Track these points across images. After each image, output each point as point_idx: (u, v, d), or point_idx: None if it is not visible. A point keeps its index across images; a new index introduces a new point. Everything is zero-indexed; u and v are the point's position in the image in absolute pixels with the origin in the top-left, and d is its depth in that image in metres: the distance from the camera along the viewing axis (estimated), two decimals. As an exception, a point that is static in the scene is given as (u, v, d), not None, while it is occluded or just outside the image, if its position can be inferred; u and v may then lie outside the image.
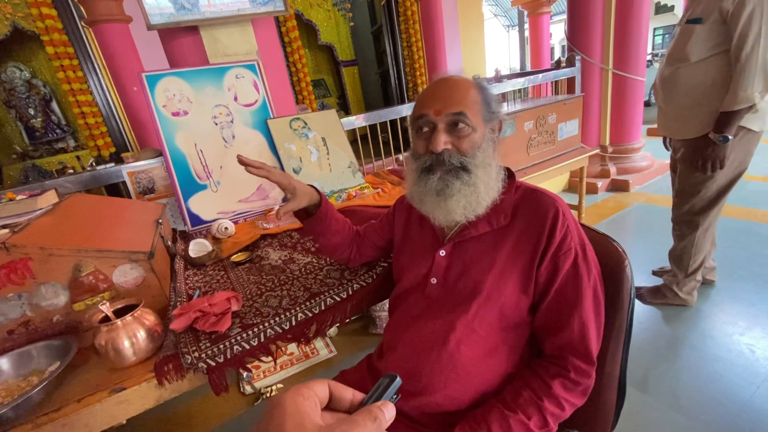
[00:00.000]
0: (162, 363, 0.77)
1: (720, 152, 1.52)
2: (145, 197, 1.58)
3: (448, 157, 0.72)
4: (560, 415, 0.68)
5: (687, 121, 1.61)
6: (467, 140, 0.72)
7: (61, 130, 4.47)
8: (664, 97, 1.68)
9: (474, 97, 0.72)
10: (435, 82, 0.75)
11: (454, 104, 0.71)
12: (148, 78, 1.47)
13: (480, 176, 0.72)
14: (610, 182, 3.52)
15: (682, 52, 1.54)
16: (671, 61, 1.62)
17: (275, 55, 1.94)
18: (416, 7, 4.21)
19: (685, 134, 1.64)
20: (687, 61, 1.54)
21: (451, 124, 0.71)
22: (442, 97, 0.72)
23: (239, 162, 0.81)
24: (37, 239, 0.83)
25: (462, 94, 0.72)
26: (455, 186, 0.71)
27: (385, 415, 0.30)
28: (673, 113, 1.66)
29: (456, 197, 0.72)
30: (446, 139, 0.71)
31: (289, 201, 0.84)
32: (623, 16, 3.17)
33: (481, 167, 0.72)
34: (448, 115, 0.71)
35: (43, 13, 2.77)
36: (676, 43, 1.59)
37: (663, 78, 1.67)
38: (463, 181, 0.71)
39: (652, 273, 2.14)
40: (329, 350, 1.94)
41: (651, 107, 7.36)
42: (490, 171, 0.74)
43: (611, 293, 0.74)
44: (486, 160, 0.73)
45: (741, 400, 1.37)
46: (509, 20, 17.82)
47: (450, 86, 0.73)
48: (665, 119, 1.73)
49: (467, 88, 0.73)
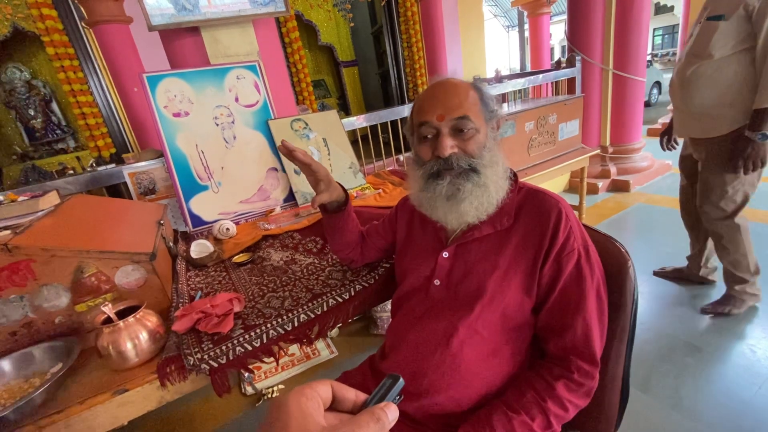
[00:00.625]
0: (164, 364, 0.77)
1: (761, 150, 1.47)
2: (146, 198, 1.58)
3: (456, 160, 0.72)
4: (564, 417, 0.68)
5: (711, 119, 1.57)
6: (473, 141, 0.72)
7: (61, 131, 4.47)
8: (683, 96, 1.63)
9: (473, 99, 0.73)
10: (432, 87, 0.75)
11: (456, 108, 0.71)
12: (149, 79, 1.47)
13: (489, 176, 0.72)
14: (611, 182, 3.52)
15: (704, 49, 1.50)
16: (691, 58, 1.57)
17: (276, 56, 1.94)
18: (416, 8, 4.22)
19: (709, 133, 1.59)
20: (710, 58, 1.50)
21: (455, 128, 0.71)
22: (443, 102, 0.72)
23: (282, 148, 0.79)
24: (39, 240, 0.83)
25: (462, 96, 0.72)
26: (467, 188, 0.71)
27: (388, 416, 0.30)
28: (695, 112, 1.61)
29: (468, 199, 0.72)
30: (452, 143, 0.71)
31: (323, 192, 0.86)
32: (623, 16, 3.17)
33: (489, 166, 0.73)
34: (452, 119, 0.71)
35: (43, 13, 2.77)
36: (697, 40, 1.55)
37: (682, 76, 1.61)
38: (473, 182, 0.72)
39: (653, 273, 2.14)
40: (330, 351, 1.94)
41: (651, 107, 7.37)
42: (498, 169, 0.74)
43: (614, 294, 0.74)
44: (493, 159, 0.74)
45: (742, 401, 1.37)
46: (509, 21, 17.84)
47: (449, 90, 0.73)
48: (684, 119, 1.68)
49: (466, 90, 0.73)
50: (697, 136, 1.66)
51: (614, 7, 3.18)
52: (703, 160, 1.68)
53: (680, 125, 1.72)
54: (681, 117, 1.70)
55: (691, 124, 1.66)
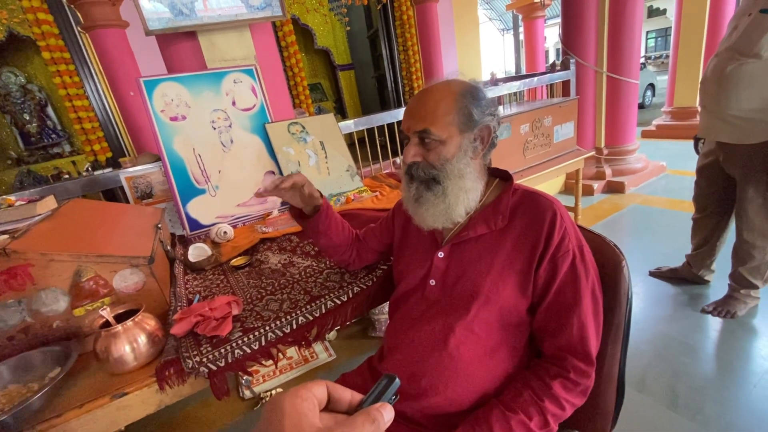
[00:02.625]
0: (163, 368, 0.77)
1: None
2: (143, 202, 1.57)
3: (416, 169, 0.76)
4: (561, 416, 0.69)
5: (750, 124, 1.44)
6: (434, 153, 0.74)
7: (56, 135, 4.46)
8: (718, 96, 1.49)
9: (445, 109, 0.72)
10: (414, 96, 0.79)
11: (420, 121, 0.74)
12: (146, 83, 1.48)
13: (450, 187, 0.75)
14: (606, 184, 3.55)
15: (752, 46, 1.36)
16: (733, 54, 1.42)
17: (273, 60, 1.95)
18: (412, 12, 4.25)
19: (745, 139, 1.47)
20: (756, 57, 1.36)
21: (421, 138, 0.75)
22: (412, 113, 0.76)
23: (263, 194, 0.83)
24: (37, 245, 0.83)
25: (430, 108, 0.73)
26: (426, 196, 0.77)
27: (384, 416, 0.30)
28: (731, 114, 1.47)
29: (425, 206, 0.77)
30: (416, 152, 0.75)
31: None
32: (616, 19, 3.21)
33: (451, 178, 0.74)
34: (415, 131, 0.75)
35: (39, 18, 2.77)
36: (744, 35, 1.38)
37: (720, 74, 1.46)
38: (433, 192, 0.76)
39: (648, 274, 2.16)
40: (328, 354, 1.94)
41: (645, 109, 7.44)
42: (463, 182, 0.75)
43: (609, 294, 0.75)
44: (459, 171, 0.74)
45: (738, 398, 1.38)
46: (504, 24, 17.98)
47: (423, 100, 0.75)
48: (714, 121, 1.54)
49: (438, 101, 0.73)
50: (730, 141, 1.53)
51: (607, 10, 3.22)
52: (740, 171, 1.56)
53: (709, 127, 1.59)
54: (710, 118, 1.57)
55: (722, 128, 1.53)
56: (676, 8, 4.58)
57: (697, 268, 1.98)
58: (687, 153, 3.92)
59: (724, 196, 1.76)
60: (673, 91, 4.82)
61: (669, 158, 3.91)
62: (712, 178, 1.76)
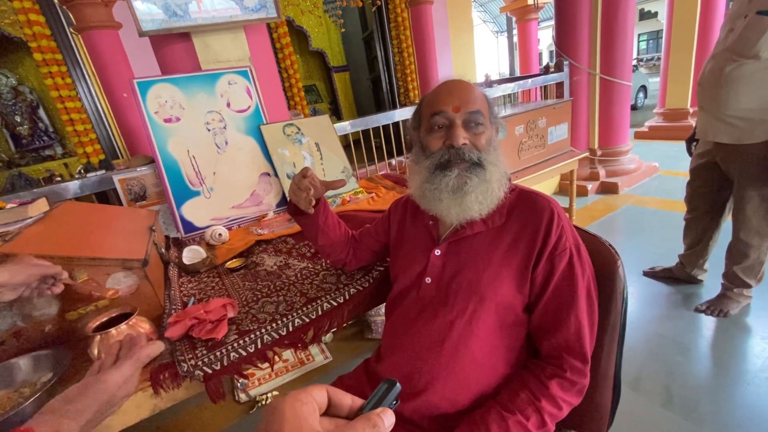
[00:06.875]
0: (158, 371, 0.76)
1: None
2: (137, 204, 1.56)
3: (468, 150, 0.73)
4: (558, 415, 0.69)
5: (749, 124, 1.45)
6: (483, 137, 0.75)
7: (48, 138, 4.41)
8: (716, 96, 1.50)
9: (482, 98, 0.77)
10: (448, 81, 0.78)
11: (471, 102, 0.74)
12: (139, 84, 1.47)
13: (493, 173, 0.75)
14: (600, 185, 3.57)
15: (750, 47, 1.36)
16: (731, 55, 1.43)
17: (267, 62, 1.94)
18: (407, 14, 4.26)
19: (744, 139, 1.48)
20: (755, 58, 1.37)
21: (468, 122, 0.74)
22: (459, 95, 0.74)
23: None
24: (29, 248, 0.82)
25: (477, 93, 0.76)
26: (473, 182, 0.73)
27: (384, 422, 0.30)
28: (729, 115, 1.48)
29: (474, 193, 0.73)
30: (465, 134, 0.74)
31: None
32: (609, 22, 3.24)
33: (493, 164, 0.75)
34: (466, 112, 0.73)
35: (30, 19, 2.74)
36: (742, 36, 1.39)
37: (718, 75, 1.47)
38: (480, 177, 0.74)
39: (643, 273, 2.18)
40: (325, 357, 1.93)
41: (637, 111, 7.51)
42: (500, 168, 0.76)
43: (605, 293, 0.75)
44: (497, 158, 0.76)
45: (732, 396, 1.39)
46: (498, 26, 18.09)
47: (464, 86, 0.76)
48: (712, 122, 1.55)
49: (475, 89, 0.77)
50: (728, 141, 1.54)
51: (600, 13, 3.25)
52: (739, 171, 1.56)
53: (708, 128, 1.59)
54: (708, 119, 1.58)
55: (721, 128, 1.54)
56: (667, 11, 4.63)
57: (690, 268, 2.00)
58: (679, 154, 3.97)
59: (716, 196, 1.79)
60: (665, 92, 4.87)
61: (661, 159, 3.95)
62: (707, 178, 1.78)
